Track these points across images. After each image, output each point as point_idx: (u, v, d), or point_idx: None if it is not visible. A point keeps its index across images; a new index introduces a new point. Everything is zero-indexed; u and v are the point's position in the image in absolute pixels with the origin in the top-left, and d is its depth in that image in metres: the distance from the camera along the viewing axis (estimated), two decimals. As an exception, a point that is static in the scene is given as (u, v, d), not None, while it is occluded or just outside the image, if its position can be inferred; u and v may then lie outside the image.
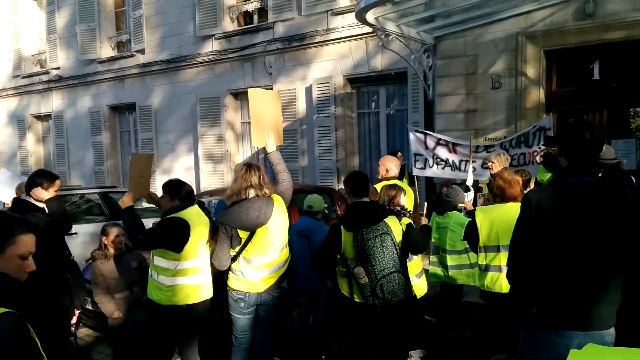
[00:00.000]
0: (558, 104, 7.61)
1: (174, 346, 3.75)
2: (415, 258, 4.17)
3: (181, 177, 4.21)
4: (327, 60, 9.86)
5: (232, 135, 11.45)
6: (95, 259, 4.33)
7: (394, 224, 3.41)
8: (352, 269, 3.32)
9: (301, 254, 4.31)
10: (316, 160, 10.09)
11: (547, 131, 6.26)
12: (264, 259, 3.52)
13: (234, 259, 3.53)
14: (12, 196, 4.82)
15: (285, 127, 9.89)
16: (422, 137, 7.23)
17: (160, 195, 3.79)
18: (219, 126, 11.37)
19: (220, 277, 3.67)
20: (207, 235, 3.61)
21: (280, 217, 3.57)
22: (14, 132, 16.22)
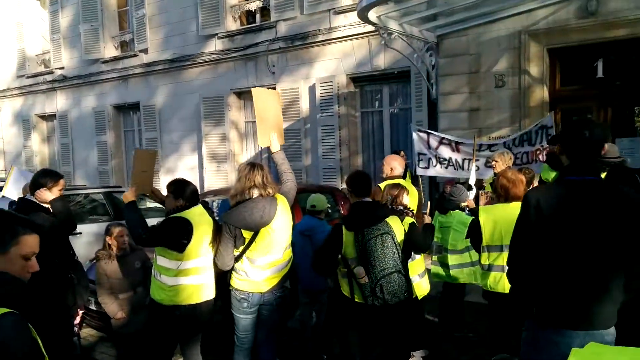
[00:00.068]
0: (562, 102, 7.59)
1: (174, 346, 3.75)
2: (417, 257, 4.17)
3: (185, 176, 4.21)
4: (329, 59, 9.85)
5: (235, 135, 11.46)
6: (99, 259, 4.33)
7: (396, 223, 3.41)
8: (353, 268, 3.32)
9: (304, 253, 4.29)
10: (320, 159, 10.08)
11: (549, 129, 6.26)
12: (268, 258, 3.52)
13: (238, 258, 3.52)
14: (19, 195, 4.84)
15: (289, 127, 9.90)
16: (425, 137, 7.24)
17: (165, 195, 3.79)
18: (223, 125, 11.38)
19: (222, 278, 3.66)
20: (210, 235, 3.60)
21: (284, 217, 3.56)
22: (19, 132, 16.30)
